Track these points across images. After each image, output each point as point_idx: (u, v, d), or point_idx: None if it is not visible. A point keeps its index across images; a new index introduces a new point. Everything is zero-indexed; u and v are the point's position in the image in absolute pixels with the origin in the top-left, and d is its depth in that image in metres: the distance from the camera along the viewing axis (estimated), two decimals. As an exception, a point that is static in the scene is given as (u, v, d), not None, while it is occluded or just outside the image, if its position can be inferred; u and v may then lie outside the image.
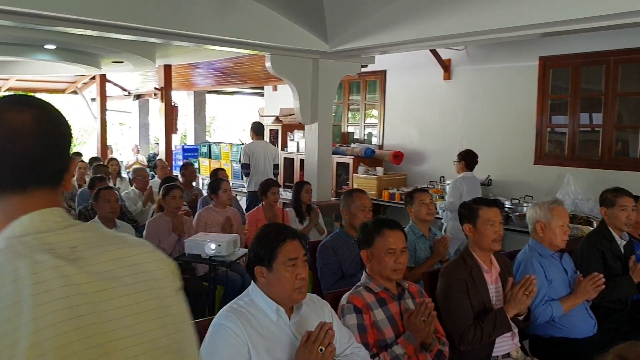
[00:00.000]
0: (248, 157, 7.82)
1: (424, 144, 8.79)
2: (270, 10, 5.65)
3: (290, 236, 2.21)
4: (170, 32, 5.21)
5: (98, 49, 8.15)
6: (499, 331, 2.85)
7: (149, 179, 7.24)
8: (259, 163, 7.82)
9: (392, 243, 2.62)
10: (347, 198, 4.03)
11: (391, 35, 5.52)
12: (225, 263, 4.20)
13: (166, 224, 4.83)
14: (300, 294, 2.19)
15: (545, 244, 3.40)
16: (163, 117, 10.65)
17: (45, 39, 7.09)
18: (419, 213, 4.21)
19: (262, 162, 7.84)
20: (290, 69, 6.67)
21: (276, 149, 8.48)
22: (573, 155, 7.01)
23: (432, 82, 8.55)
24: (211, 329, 2.11)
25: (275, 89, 11.87)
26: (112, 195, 4.68)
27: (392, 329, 2.55)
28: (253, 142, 8.04)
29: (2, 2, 4.07)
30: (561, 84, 7.25)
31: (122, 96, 14.82)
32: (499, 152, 7.73)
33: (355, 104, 10.01)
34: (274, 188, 5.63)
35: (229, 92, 16.93)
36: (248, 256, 2.26)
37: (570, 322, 3.28)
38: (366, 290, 2.64)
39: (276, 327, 2.16)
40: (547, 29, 4.63)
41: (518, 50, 7.38)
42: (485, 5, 4.71)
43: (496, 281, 3.07)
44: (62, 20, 4.65)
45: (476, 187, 6.34)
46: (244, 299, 2.21)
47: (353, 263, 3.79)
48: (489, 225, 3.00)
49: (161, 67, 10.42)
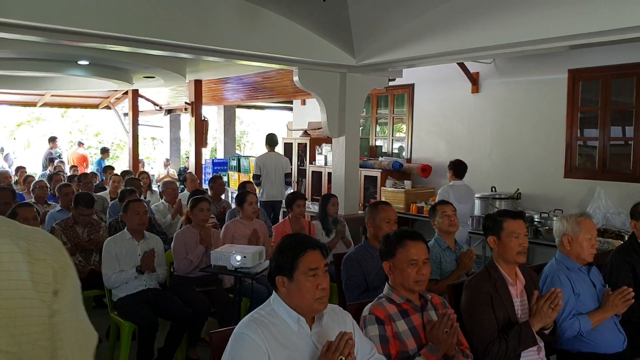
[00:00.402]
0: (259, 169, 8.10)
1: (452, 157, 8.68)
2: (297, 25, 5.73)
3: (311, 246, 2.23)
4: (200, 47, 5.31)
5: (130, 65, 8.34)
6: (525, 345, 2.82)
7: (178, 192, 7.34)
8: (270, 174, 8.07)
9: (414, 254, 2.62)
10: (372, 210, 4.04)
11: (418, 49, 5.53)
12: (250, 275, 4.23)
13: (194, 236, 4.89)
14: (321, 304, 2.21)
15: (573, 257, 3.35)
16: (193, 131, 10.81)
17: (78, 54, 7.29)
18: (442, 225, 4.18)
19: (272, 174, 8.08)
20: (318, 83, 6.74)
21: (287, 160, 8.72)
22: (604, 169, 6.90)
23: (460, 96, 8.53)
24: (232, 337, 2.14)
25: (304, 102, 11.95)
26: (141, 207, 4.75)
27: (414, 341, 2.54)
28: (265, 154, 8.34)
29: (37, 20, 4.21)
30: (591, 96, 7.17)
31: (154, 111, 15.08)
32: (528, 165, 7.66)
33: (383, 117, 10.02)
34: (299, 200, 5.65)
35: (258, 107, 17.09)
36: (269, 266, 2.28)
37: (598, 337, 3.21)
38: (388, 301, 2.64)
39: (297, 337, 2.18)
40: (575, 41, 4.60)
41: (547, 63, 7.33)
42: (512, 18, 4.70)
43: (521, 294, 3.03)
44: (95, 37, 4.79)
45: (466, 195, 6.46)
46: (266, 309, 2.23)
47: (378, 275, 3.78)
48: (514, 237, 2.97)
49: (192, 82, 10.61)
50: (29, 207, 4.32)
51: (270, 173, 8.07)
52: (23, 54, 7.37)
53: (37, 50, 6.88)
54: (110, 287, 4.51)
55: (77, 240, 5.25)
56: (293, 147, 11.06)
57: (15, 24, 4.28)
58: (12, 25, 4.33)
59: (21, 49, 6.78)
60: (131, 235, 4.66)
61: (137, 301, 4.41)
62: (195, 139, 10.84)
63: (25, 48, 6.65)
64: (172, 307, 4.43)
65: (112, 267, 4.46)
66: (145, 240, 4.70)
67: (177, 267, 4.85)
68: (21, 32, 4.49)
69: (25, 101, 14.66)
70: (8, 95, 13.85)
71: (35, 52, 7.06)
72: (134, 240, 4.65)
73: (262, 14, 5.49)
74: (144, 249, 4.55)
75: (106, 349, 4.69)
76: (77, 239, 5.25)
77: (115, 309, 4.54)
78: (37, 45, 6.11)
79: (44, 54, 7.31)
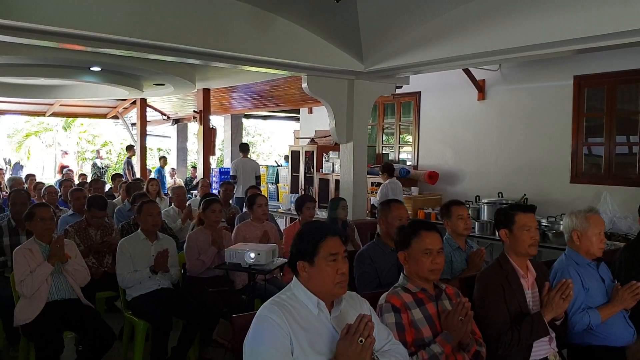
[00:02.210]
0: (236, 171, 10.30)
1: (459, 164, 8.81)
2: (307, 31, 5.80)
3: (331, 233, 2.30)
4: (211, 52, 5.39)
5: (141, 71, 8.45)
6: (536, 335, 2.87)
7: (186, 197, 7.44)
8: (244, 175, 10.22)
9: (429, 244, 2.68)
10: (384, 208, 4.10)
11: (426, 54, 5.60)
12: (264, 271, 4.30)
13: (206, 237, 4.95)
14: (341, 289, 2.27)
15: (582, 253, 3.40)
16: (201, 139, 10.91)
17: (91, 60, 7.39)
18: (457, 227, 4.17)
19: (246, 175, 10.23)
20: (326, 90, 6.82)
21: (258, 164, 11.12)
22: (610, 174, 6.96)
23: (466, 103, 8.62)
24: (255, 320, 2.20)
25: (311, 111, 12.06)
26: (155, 208, 4.82)
27: (429, 329, 2.60)
28: (240, 159, 10.52)
29: (49, 24, 4.29)
30: (596, 103, 7.24)
31: (161, 120, 15.20)
32: (535, 171, 7.72)
33: (389, 126, 10.11)
34: (309, 203, 5.71)
35: (265, 116, 17.21)
36: (290, 252, 2.35)
37: (608, 330, 3.25)
38: (404, 290, 2.70)
39: (317, 320, 2.23)
40: (582, 45, 4.62)
41: (552, 70, 7.41)
42: (518, 22, 4.76)
43: (532, 287, 3.09)
44: (106, 42, 4.86)
45: (399, 189, 8.21)
46: (286, 293, 2.29)
47: (390, 272, 3.84)
48: (525, 230, 3.03)
49: (200, 90, 10.73)
50: (46, 207, 4.39)
51: (245, 174, 10.20)
52: (37, 60, 7.48)
53: (51, 56, 6.99)
54: (125, 286, 4.57)
55: (90, 242, 5.32)
56: (300, 155, 11.14)
57: (27, 28, 4.35)
58: (24, 30, 4.40)
59: (35, 55, 6.88)
60: (145, 236, 4.72)
61: (151, 300, 4.46)
62: (204, 147, 10.94)
63: (38, 54, 6.75)
64: (185, 307, 4.48)
65: (127, 267, 4.53)
66: (159, 241, 4.77)
67: (189, 268, 4.91)
68: (33, 37, 4.55)
69: (34, 111, 14.80)
70: (18, 105, 13.99)
71: (49, 57, 7.16)
72: (147, 241, 4.72)
73: (272, 20, 5.57)
74: (157, 250, 4.61)
75: (120, 348, 4.75)
76: (90, 241, 5.33)
77: (129, 308, 4.59)
78: (50, 51, 6.22)
79: (57, 60, 7.42)
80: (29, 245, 4.20)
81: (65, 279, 4.24)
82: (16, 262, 4.07)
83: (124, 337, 4.82)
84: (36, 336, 3.91)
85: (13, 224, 5.11)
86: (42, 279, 4.03)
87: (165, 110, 15.01)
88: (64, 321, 4.05)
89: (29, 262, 4.06)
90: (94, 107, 14.95)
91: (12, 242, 4.95)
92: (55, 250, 4.10)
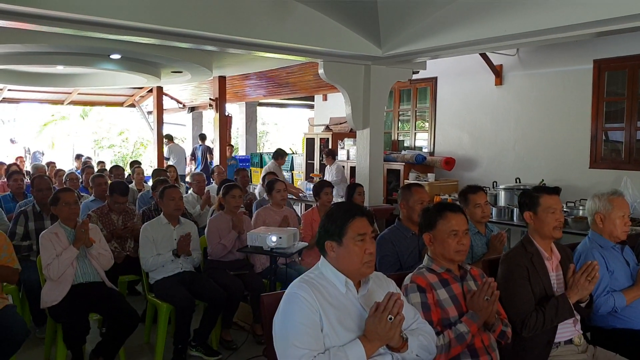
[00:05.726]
0: (169, 153, 13.40)
1: (476, 150, 8.78)
2: (325, 16, 5.78)
3: (359, 213, 2.32)
4: (228, 39, 5.37)
5: (159, 58, 8.49)
6: (562, 317, 2.87)
7: (205, 184, 7.50)
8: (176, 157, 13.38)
9: (455, 225, 2.69)
10: (405, 192, 4.10)
11: (443, 39, 5.55)
12: (286, 254, 4.35)
13: (226, 222, 5.00)
14: (369, 268, 2.29)
15: (606, 236, 3.39)
16: (217, 127, 10.96)
17: (111, 48, 7.43)
18: (474, 215, 4.15)
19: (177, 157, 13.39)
20: (343, 76, 6.80)
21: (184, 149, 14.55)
22: (630, 158, 6.90)
23: (483, 88, 8.57)
24: (285, 297, 2.23)
25: (326, 98, 12.04)
26: (177, 193, 4.87)
27: (455, 309, 2.61)
28: (171, 144, 13.75)
29: (69, 11, 4.31)
30: (617, 87, 7.17)
31: (177, 108, 15.26)
32: (553, 156, 7.68)
33: (405, 113, 10.08)
34: (327, 188, 5.73)
35: (279, 104, 17.21)
36: (318, 232, 2.37)
37: (633, 313, 3.24)
38: (429, 271, 2.71)
39: (345, 298, 2.26)
40: (602, 28, 4.55)
41: (571, 54, 7.34)
42: (537, 5, 4.69)
43: (557, 269, 3.09)
44: (125, 29, 4.87)
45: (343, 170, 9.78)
46: (314, 272, 2.32)
47: (411, 255, 3.86)
48: (550, 212, 3.03)
49: (216, 78, 10.76)
50: (70, 192, 4.45)
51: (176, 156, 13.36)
52: (58, 48, 7.53)
53: (71, 44, 7.03)
54: (148, 270, 4.64)
55: (112, 227, 5.39)
56: (315, 142, 11.15)
57: (48, 16, 4.37)
58: (45, 17, 4.42)
59: (56, 43, 6.93)
60: (167, 221, 4.78)
61: (174, 283, 4.53)
62: (220, 135, 10.99)
63: (59, 42, 6.80)
64: (207, 289, 4.54)
65: (150, 251, 4.59)
66: (181, 226, 4.82)
67: (211, 252, 4.96)
68: (54, 25, 4.58)
69: (53, 99, 14.93)
70: (37, 94, 14.12)
71: (70, 45, 7.21)
72: (170, 225, 4.77)
73: (290, 5, 5.55)
74: (179, 234, 4.67)
75: (142, 331, 4.82)
76: (112, 226, 5.40)
77: (152, 291, 4.66)
78: (71, 39, 6.25)
79: (78, 47, 7.47)
80: (54, 230, 4.27)
81: (90, 263, 4.31)
82: (43, 246, 4.14)
83: (147, 320, 4.90)
84: (63, 317, 3.98)
85: (38, 209, 5.20)
86: (68, 263, 4.10)
87: (181, 99, 15.08)
88: (89, 303, 4.12)
89: (55, 246, 4.13)
90: (111, 96, 15.07)
91: (37, 227, 5.04)
92: (80, 235, 4.17)
